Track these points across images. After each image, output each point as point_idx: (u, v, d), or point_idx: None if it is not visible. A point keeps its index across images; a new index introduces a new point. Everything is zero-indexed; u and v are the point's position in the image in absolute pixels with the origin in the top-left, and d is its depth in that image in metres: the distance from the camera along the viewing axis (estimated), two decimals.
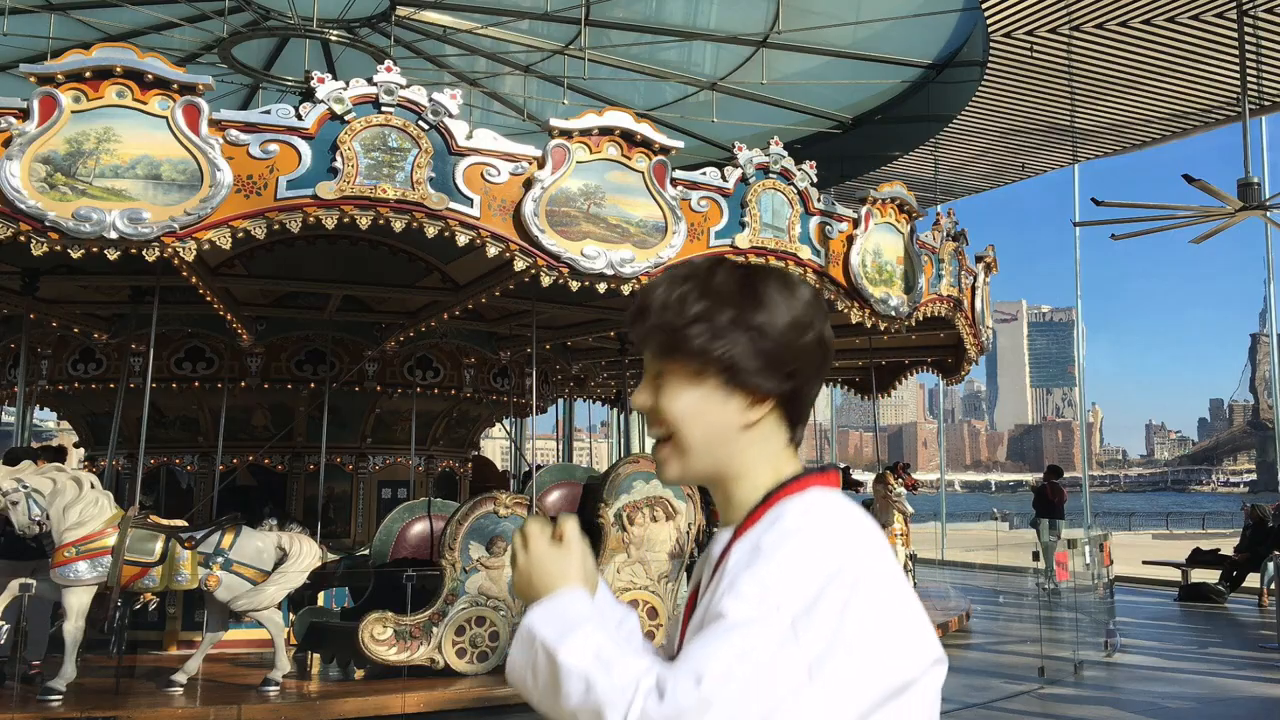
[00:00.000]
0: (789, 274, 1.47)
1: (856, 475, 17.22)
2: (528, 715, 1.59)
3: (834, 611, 1.21)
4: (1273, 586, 13.47)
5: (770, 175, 9.00)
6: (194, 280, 8.32)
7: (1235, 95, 12.90)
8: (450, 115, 7.66)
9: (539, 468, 11.85)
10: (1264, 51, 12.68)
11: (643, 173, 8.17)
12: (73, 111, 7.06)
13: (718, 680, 1.17)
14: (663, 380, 1.38)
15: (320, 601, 10.31)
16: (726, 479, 1.40)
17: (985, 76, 13.69)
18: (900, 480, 13.91)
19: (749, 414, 1.38)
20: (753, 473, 1.39)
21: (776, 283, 1.39)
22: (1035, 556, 15.65)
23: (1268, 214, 12.06)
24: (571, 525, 1.40)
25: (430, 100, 7.62)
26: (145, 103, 7.15)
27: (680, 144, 8.47)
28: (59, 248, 7.06)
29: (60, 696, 7.75)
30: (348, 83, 7.56)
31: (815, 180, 9.41)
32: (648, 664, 1.24)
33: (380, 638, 8.67)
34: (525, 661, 1.30)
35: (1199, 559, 16.23)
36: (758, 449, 1.39)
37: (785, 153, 9.22)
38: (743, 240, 8.68)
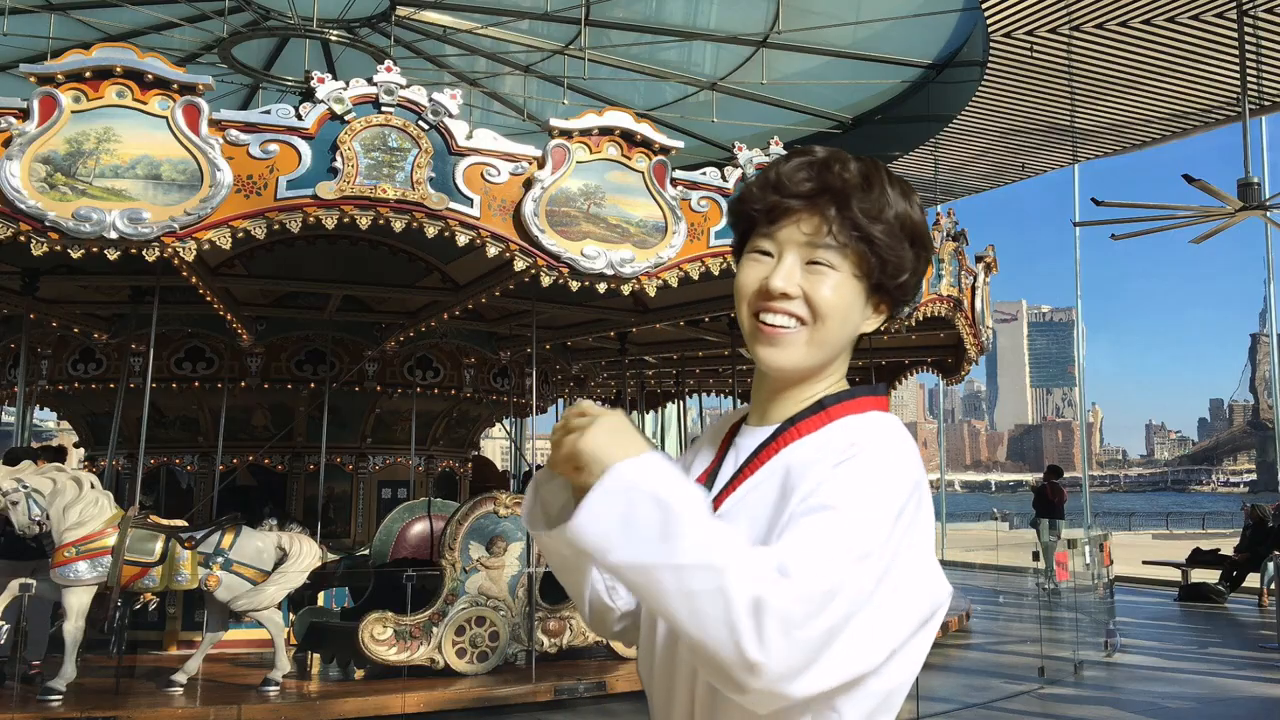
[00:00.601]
0: None
1: None
2: (527, 715, 1.56)
3: (906, 526, 1.22)
4: (1273, 586, 13.48)
5: None
6: (194, 280, 8.31)
7: (1235, 95, 12.90)
8: (450, 115, 7.66)
9: (539, 468, 11.82)
10: (1264, 51, 12.68)
11: (643, 173, 8.17)
12: (73, 111, 7.06)
13: (846, 569, 1.15)
14: (819, 268, 1.34)
15: (320, 601, 10.31)
16: (809, 377, 1.39)
17: (985, 76, 13.68)
18: None
19: (870, 321, 1.40)
20: (829, 377, 1.40)
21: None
22: (1035, 556, 15.65)
23: (1268, 214, 12.06)
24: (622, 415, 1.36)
25: (430, 100, 7.61)
26: (145, 103, 7.14)
27: (680, 144, 8.46)
28: (59, 248, 7.05)
29: (60, 696, 7.75)
30: (348, 83, 7.55)
31: None
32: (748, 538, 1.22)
33: (380, 638, 8.67)
34: (616, 513, 1.16)
35: (1199, 559, 16.24)
36: (844, 356, 1.41)
37: (785, 153, 9.20)
38: None
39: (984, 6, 11.79)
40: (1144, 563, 17.82)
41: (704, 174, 8.74)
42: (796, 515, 1.22)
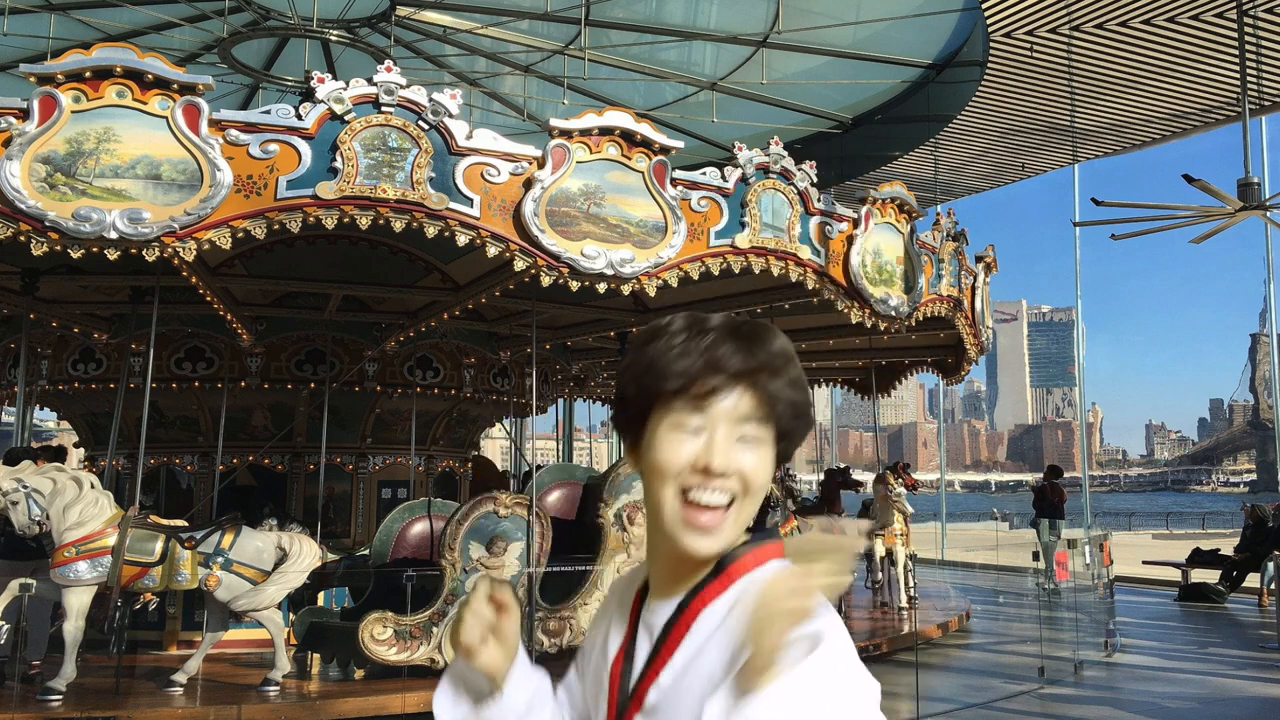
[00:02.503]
0: None
1: (857, 475, 17.20)
2: None
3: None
4: (1273, 586, 13.48)
5: (770, 175, 8.99)
6: (194, 280, 8.32)
7: (1235, 95, 12.90)
8: (450, 115, 7.66)
9: (539, 468, 11.86)
10: (1264, 51, 12.68)
11: (643, 173, 8.17)
12: (73, 111, 7.06)
13: None
14: (749, 442, 1.31)
15: (320, 601, 10.31)
16: None
17: (985, 76, 13.69)
18: (900, 480, 13.91)
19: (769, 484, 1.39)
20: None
21: None
22: (1035, 556, 15.65)
23: (1268, 214, 12.06)
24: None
25: (430, 100, 7.61)
26: (145, 103, 7.14)
27: (680, 144, 8.46)
28: (59, 248, 7.05)
29: (60, 696, 7.75)
30: (348, 83, 7.55)
31: (815, 180, 9.40)
32: None
33: (380, 638, 8.67)
34: None
35: (1199, 559, 16.25)
36: None
37: (785, 153, 9.20)
38: (743, 240, 8.68)
39: (984, 6, 11.79)
40: (1144, 563, 17.84)
41: (704, 174, 8.74)
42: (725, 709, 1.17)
